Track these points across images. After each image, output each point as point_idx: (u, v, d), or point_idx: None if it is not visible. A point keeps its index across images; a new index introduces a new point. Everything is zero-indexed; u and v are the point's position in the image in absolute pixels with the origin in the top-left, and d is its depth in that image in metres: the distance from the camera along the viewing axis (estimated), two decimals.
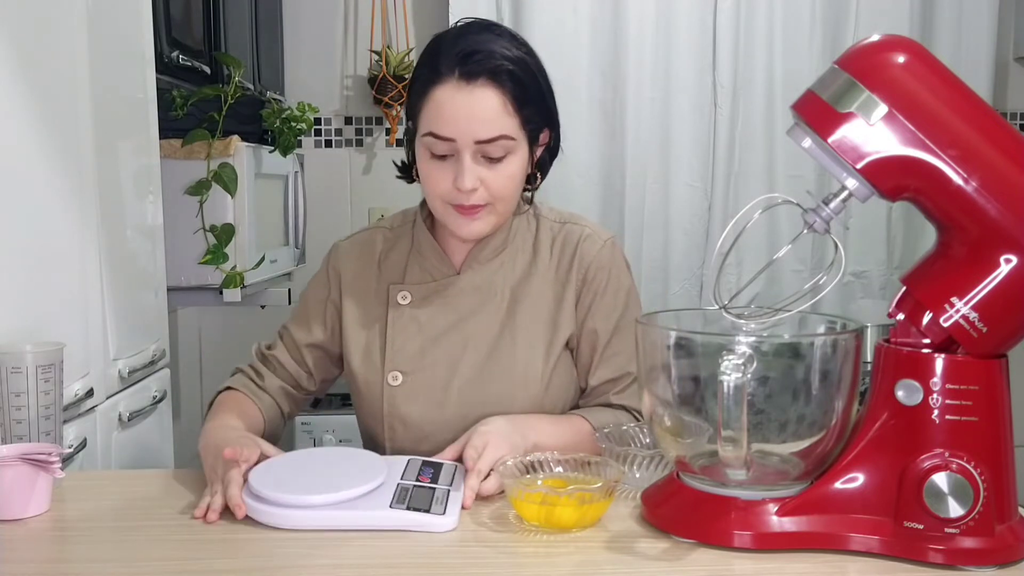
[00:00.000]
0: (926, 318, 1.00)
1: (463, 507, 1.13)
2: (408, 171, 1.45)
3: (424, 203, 1.45)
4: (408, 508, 1.09)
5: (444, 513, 1.09)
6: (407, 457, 1.23)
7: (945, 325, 0.99)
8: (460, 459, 1.23)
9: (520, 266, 1.42)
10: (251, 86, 2.43)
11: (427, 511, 1.09)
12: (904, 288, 1.04)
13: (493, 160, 1.30)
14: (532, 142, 1.34)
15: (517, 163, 1.32)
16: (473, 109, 1.27)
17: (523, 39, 1.36)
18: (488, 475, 1.18)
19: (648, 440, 1.29)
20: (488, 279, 1.41)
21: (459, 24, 1.36)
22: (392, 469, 1.18)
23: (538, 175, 1.41)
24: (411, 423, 1.38)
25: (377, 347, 1.40)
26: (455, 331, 1.39)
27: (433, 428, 1.37)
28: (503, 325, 1.39)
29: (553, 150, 1.42)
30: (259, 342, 1.56)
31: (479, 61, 1.27)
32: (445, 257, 1.42)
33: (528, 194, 1.43)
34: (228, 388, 1.48)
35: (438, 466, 1.21)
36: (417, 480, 1.16)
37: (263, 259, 2.26)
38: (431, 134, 1.29)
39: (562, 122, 1.43)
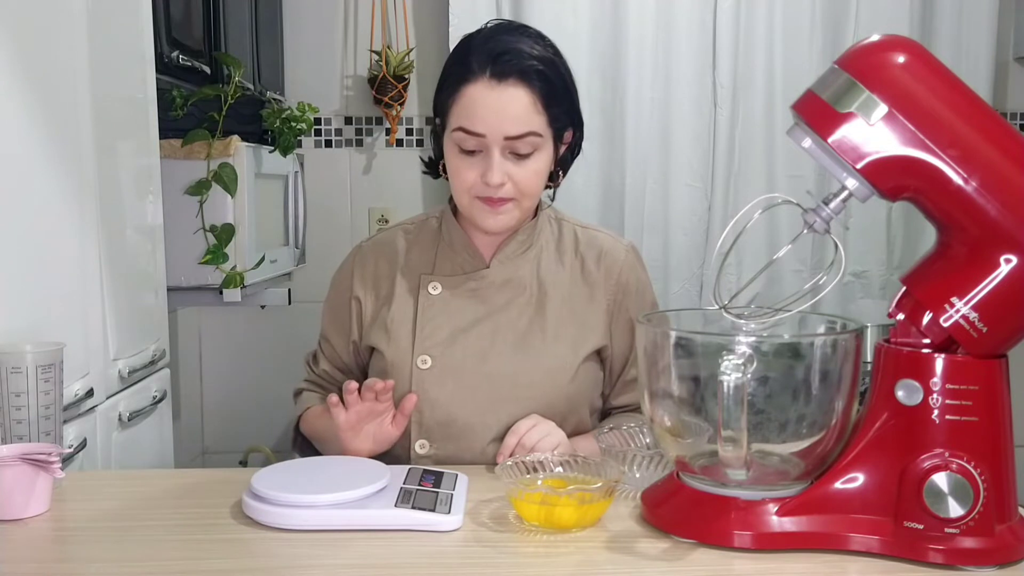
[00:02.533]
0: (926, 318, 1.00)
1: (495, 462, 1.27)
2: (434, 167, 1.49)
3: (451, 199, 1.49)
4: (413, 508, 1.09)
5: (449, 512, 1.09)
6: (408, 466, 1.24)
7: (945, 325, 0.99)
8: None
9: (547, 263, 1.47)
10: (251, 86, 2.43)
11: (432, 511, 1.09)
12: (904, 288, 1.04)
13: (520, 156, 1.34)
14: (557, 140, 1.40)
15: (543, 160, 1.37)
16: (503, 107, 1.32)
17: (550, 40, 1.42)
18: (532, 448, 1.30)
19: (648, 440, 1.29)
20: (517, 274, 1.45)
21: (489, 25, 1.42)
22: (394, 475, 1.18)
23: (560, 173, 1.46)
24: (440, 405, 1.40)
25: (405, 332, 1.44)
26: (485, 322, 1.43)
27: (463, 411, 1.40)
28: (532, 319, 1.43)
29: (575, 149, 1.48)
30: (307, 355, 1.61)
31: (509, 61, 1.32)
32: (476, 251, 1.46)
33: (550, 191, 1.48)
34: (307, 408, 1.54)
35: (439, 473, 1.21)
36: (419, 485, 1.16)
37: (263, 259, 2.26)
38: (462, 129, 1.34)
39: None
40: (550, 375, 1.41)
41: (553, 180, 1.45)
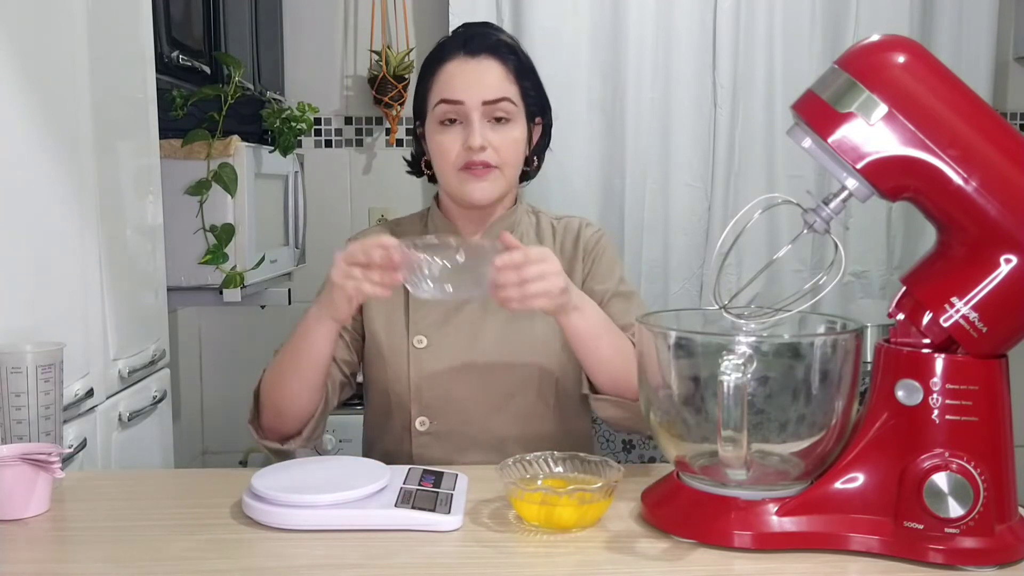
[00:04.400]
0: (926, 318, 1.00)
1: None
2: (416, 165, 1.57)
3: (436, 196, 1.55)
4: (413, 508, 1.09)
5: (449, 512, 1.09)
6: (408, 466, 1.24)
7: (945, 325, 0.99)
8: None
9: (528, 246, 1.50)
10: (251, 86, 2.43)
11: (432, 511, 1.09)
12: (904, 288, 1.04)
13: (499, 123, 1.42)
14: (530, 120, 1.48)
15: (520, 130, 1.45)
16: (479, 76, 1.43)
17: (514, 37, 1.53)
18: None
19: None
20: None
21: (457, 28, 1.53)
22: (394, 475, 1.18)
23: (535, 159, 1.54)
24: (439, 382, 1.45)
25: (398, 315, 1.49)
26: (475, 302, 1.47)
27: (460, 386, 1.45)
28: None
29: (546, 139, 1.56)
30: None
31: (479, 41, 1.44)
32: (462, 238, 1.50)
33: (526, 181, 1.55)
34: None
35: (439, 473, 1.22)
36: (420, 485, 1.16)
37: (263, 259, 2.26)
38: (443, 100, 1.42)
39: (562, 122, 1.58)
40: (542, 341, 1.46)
41: (528, 166, 1.52)
